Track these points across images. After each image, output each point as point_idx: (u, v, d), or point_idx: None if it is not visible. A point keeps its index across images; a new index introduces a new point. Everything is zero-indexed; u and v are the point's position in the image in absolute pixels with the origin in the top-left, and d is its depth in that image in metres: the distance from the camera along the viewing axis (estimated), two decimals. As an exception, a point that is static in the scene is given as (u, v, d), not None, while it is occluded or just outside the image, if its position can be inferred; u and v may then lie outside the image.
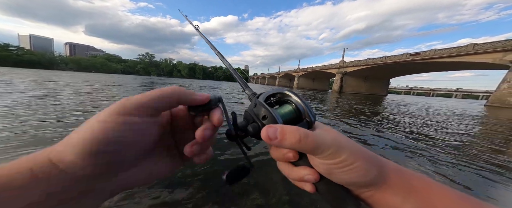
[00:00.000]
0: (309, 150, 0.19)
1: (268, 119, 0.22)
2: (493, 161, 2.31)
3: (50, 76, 15.18)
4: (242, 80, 0.33)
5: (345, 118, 4.89)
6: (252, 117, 0.23)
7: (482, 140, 3.41)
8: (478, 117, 7.44)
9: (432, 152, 2.46)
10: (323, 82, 63.70)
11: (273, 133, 0.19)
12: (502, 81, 19.36)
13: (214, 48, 0.52)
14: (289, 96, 0.25)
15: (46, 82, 8.34)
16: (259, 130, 0.21)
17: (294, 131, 0.19)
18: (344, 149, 0.19)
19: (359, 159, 0.19)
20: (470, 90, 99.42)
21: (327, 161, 0.19)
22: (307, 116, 0.23)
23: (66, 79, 11.72)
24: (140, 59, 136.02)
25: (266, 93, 0.25)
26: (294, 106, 0.24)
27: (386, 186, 0.19)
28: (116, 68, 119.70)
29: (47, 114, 2.76)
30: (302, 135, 0.19)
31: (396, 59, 30.69)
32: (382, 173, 0.19)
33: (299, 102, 0.24)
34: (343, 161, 0.19)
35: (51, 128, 2.14)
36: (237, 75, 0.34)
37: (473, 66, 24.89)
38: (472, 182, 1.70)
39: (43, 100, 3.80)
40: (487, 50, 20.75)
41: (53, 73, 29.15)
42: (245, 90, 0.31)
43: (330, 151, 0.19)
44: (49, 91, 5.27)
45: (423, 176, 0.19)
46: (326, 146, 0.19)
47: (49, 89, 5.71)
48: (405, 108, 9.53)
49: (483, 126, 5.33)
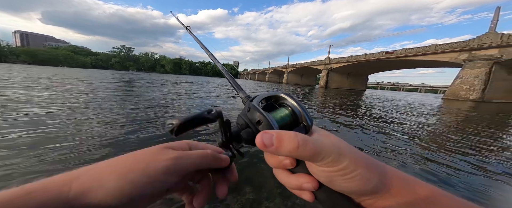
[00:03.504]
0: (308, 157, 0.18)
1: (263, 124, 0.21)
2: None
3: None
4: (235, 83, 0.33)
5: (339, 110, 5.82)
6: (246, 122, 0.22)
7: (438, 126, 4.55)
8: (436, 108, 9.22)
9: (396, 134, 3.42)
10: (310, 78, 66.46)
11: (268, 140, 0.18)
12: (456, 77, 23.03)
13: (207, 49, 0.53)
14: (284, 99, 0.24)
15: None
16: (254, 136, 0.20)
17: (292, 137, 0.18)
18: (345, 156, 0.18)
19: (360, 166, 0.18)
20: (431, 86, 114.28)
21: (327, 168, 0.18)
22: (304, 120, 0.22)
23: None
24: (114, 52, 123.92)
25: (261, 96, 0.24)
26: (290, 110, 0.23)
27: (389, 194, 0.18)
28: (85, 62, 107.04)
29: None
30: (300, 142, 0.18)
31: (374, 56, 33.79)
32: (384, 181, 0.18)
33: (295, 105, 0.22)
34: (344, 169, 0.18)
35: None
36: (230, 77, 0.35)
37: (435, 64, 28.87)
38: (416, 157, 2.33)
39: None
40: (445, 50, 24.22)
41: (5, 66, 24.80)
42: (238, 93, 0.30)
43: (331, 158, 0.18)
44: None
45: (427, 184, 0.19)
46: (326, 153, 0.18)
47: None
48: (384, 102, 11.03)
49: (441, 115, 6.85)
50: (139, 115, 3.22)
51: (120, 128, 2.47)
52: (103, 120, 2.77)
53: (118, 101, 4.47)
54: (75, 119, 2.71)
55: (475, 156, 2.46)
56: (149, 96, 5.77)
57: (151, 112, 3.57)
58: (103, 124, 2.55)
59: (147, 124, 2.74)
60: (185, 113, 2.24)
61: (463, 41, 22.65)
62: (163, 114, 3.45)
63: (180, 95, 6.63)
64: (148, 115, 3.28)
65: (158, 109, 3.91)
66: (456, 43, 23.37)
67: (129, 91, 6.55)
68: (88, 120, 2.71)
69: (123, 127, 2.51)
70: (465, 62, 22.01)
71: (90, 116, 2.92)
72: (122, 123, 2.68)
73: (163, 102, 4.75)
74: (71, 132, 2.21)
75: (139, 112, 3.43)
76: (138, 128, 2.52)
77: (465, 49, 22.10)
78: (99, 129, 2.35)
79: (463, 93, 21.74)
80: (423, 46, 27.03)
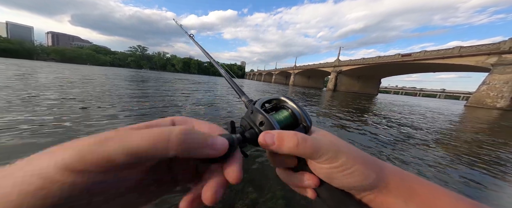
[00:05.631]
0: (307, 155, 0.19)
1: (265, 125, 0.22)
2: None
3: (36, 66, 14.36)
4: (237, 87, 0.34)
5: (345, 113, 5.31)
6: (249, 123, 0.23)
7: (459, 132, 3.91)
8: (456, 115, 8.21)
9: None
10: (318, 80, 64.83)
11: (270, 139, 0.19)
12: (482, 83, 20.84)
13: (210, 56, 0.55)
14: (285, 101, 0.25)
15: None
16: (257, 136, 0.21)
17: (292, 136, 0.19)
18: (342, 152, 0.19)
19: (358, 162, 0.19)
20: (452, 91, 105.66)
21: (326, 165, 0.19)
22: (303, 121, 0.23)
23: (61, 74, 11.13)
24: (131, 52, 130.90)
25: (262, 99, 0.26)
26: (290, 112, 0.24)
27: (387, 189, 0.18)
28: (105, 60, 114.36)
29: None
30: (300, 140, 0.19)
31: (389, 59, 31.89)
32: (381, 176, 0.19)
33: (295, 107, 0.24)
34: (342, 165, 0.18)
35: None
36: (233, 82, 0.36)
37: (458, 68, 26.49)
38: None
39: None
40: (471, 53, 22.08)
41: (36, 63, 27.33)
42: (241, 97, 0.31)
43: (329, 155, 0.19)
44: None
45: (423, 179, 0.19)
46: (324, 149, 0.19)
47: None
48: (400, 108, 10.15)
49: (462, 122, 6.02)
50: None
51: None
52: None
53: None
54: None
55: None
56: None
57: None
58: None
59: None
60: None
61: (493, 43, 20.45)
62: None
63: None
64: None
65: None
66: (485, 45, 21.18)
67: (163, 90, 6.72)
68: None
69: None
70: (493, 67, 19.87)
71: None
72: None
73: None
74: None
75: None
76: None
77: (495, 52, 19.94)
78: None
79: (489, 100, 19.64)
80: (445, 49, 25.06)
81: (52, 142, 1.83)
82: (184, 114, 3.36)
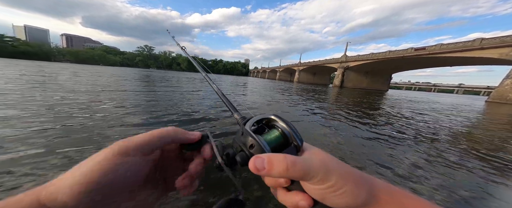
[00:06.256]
0: (298, 177, 0.20)
1: (256, 147, 0.22)
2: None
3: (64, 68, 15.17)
4: (229, 103, 0.35)
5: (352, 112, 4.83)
6: (240, 146, 0.23)
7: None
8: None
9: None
10: (324, 76, 63.03)
11: (260, 164, 0.19)
12: (506, 77, 19.09)
13: (202, 69, 0.54)
14: (275, 121, 0.25)
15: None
16: (247, 159, 0.21)
17: (281, 160, 0.19)
18: (332, 172, 0.19)
19: (349, 181, 0.19)
20: (471, 86, 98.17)
21: (317, 186, 0.19)
22: (294, 140, 0.23)
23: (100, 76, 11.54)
24: (138, 52, 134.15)
25: (253, 119, 0.26)
26: (280, 131, 0.24)
27: (378, 206, 0.19)
28: (115, 61, 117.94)
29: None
30: (289, 164, 0.19)
31: (400, 54, 30.03)
32: (372, 194, 0.19)
33: (285, 127, 0.24)
34: (333, 185, 0.19)
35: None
36: (225, 99, 0.37)
37: (479, 61, 24.36)
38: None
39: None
40: (494, 45, 20.15)
41: (57, 64, 29.09)
42: (233, 114, 0.31)
43: (320, 176, 0.19)
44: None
45: (413, 194, 0.20)
46: (314, 171, 0.19)
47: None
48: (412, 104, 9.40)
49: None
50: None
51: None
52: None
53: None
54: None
55: None
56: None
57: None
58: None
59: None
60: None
61: (519, 34, 18.59)
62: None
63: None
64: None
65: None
66: (510, 36, 19.23)
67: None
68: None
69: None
70: (520, 59, 18.15)
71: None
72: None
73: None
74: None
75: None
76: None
77: (522, 43, 18.15)
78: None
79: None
80: (465, 41, 22.98)
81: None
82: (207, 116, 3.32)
